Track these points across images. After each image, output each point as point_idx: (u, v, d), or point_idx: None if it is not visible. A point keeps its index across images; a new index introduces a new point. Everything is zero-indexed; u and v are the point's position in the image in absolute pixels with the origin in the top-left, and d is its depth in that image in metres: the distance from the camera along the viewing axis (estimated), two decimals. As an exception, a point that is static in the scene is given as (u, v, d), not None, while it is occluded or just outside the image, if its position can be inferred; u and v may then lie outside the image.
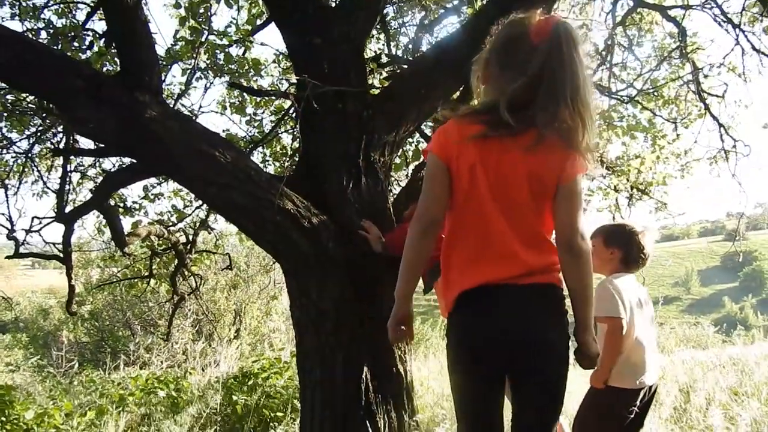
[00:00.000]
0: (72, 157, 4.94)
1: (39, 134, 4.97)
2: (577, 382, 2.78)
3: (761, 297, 50.87)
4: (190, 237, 5.73)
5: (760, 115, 5.92)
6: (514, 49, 1.80)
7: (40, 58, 2.84)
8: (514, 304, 1.79)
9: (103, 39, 4.82)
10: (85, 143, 4.89)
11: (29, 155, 5.03)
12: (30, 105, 4.69)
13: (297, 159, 4.05)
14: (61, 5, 5.13)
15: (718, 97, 5.54)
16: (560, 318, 1.84)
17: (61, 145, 4.90)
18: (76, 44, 4.66)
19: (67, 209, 4.72)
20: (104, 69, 4.42)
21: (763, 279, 58.47)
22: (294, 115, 4.43)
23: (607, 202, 6.16)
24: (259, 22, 5.20)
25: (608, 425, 2.66)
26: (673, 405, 3.81)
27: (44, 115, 4.65)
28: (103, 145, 3.81)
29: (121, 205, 5.52)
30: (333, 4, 3.79)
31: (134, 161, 4.03)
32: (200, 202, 5.64)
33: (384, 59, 5.01)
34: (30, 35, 4.47)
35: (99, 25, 6.21)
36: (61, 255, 4.71)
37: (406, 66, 4.64)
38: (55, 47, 4.27)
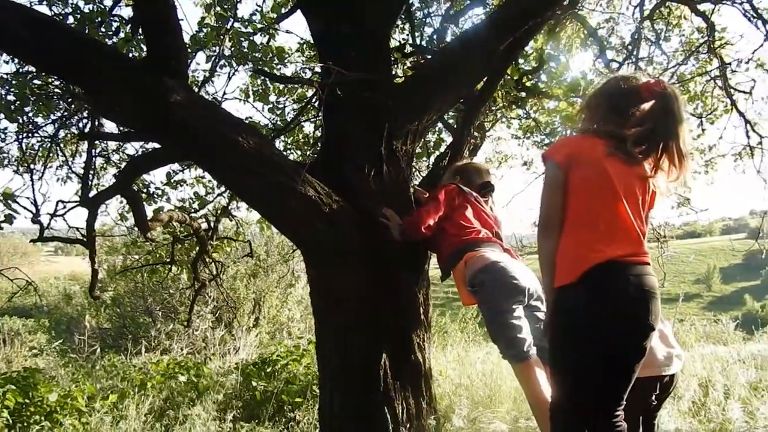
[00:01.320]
0: (97, 141, 4.99)
1: (64, 119, 5.03)
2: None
3: (783, 296, 49.96)
4: (212, 224, 5.78)
5: (788, 111, 5.82)
6: (625, 99, 2.38)
7: (70, 42, 2.87)
8: (638, 275, 2.20)
9: (130, 25, 4.87)
10: (110, 128, 4.95)
11: (54, 140, 5.09)
12: (56, 89, 4.75)
13: (319, 147, 4.07)
14: (89, -10, 5.19)
15: (745, 93, 5.46)
16: None
17: (87, 130, 4.95)
18: (103, 30, 4.71)
19: (92, 194, 4.78)
20: (130, 55, 4.47)
21: (786, 278, 57.50)
22: (317, 103, 4.44)
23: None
24: (284, 10, 5.22)
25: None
26: (692, 399, 3.79)
27: (70, 99, 4.71)
28: (128, 130, 3.85)
29: (144, 191, 5.58)
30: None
31: (158, 147, 4.08)
32: (222, 188, 5.68)
33: (408, 49, 5.01)
34: (58, 20, 4.53)
35: (126, 11, 6.29)
36: (85, 239, 4.78)
37: (430, 56, 4.63)
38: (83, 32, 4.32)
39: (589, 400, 2.20)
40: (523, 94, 4.90)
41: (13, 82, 4.39)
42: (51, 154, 5.29)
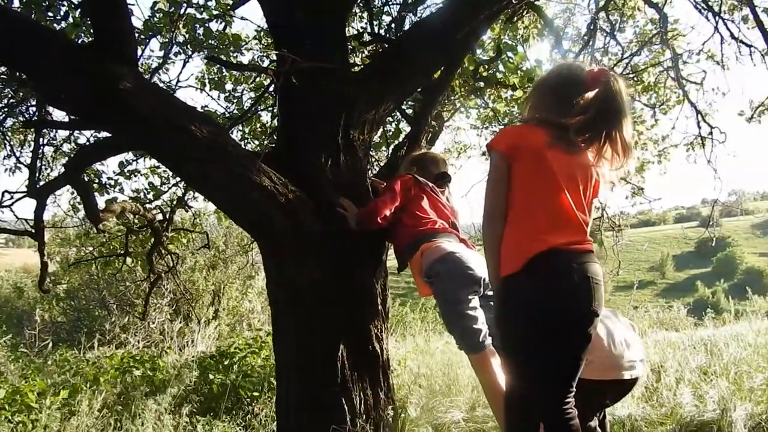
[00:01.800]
0: (45, 130, 4.83)
1: (11, 107, 4.85)
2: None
3: (733, 282, 51.79)
4: (167, 215, 5.65)
5: (736, 103, 6.00)
6: (570, 88, 2.37)
7: (13, 26, 2.75)
8: (580, 262, 2.24)
9: (79, 10, 4.71)
10: (59, 116, 4.79)
11: (1, 128, 4.90)
12: (1, 76, 4.57)
13: (276, 136, 4.01)
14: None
15: (696, 84, 5.59)
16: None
17: (34, 118, 4.78)
18: (50, 14, 4.54)
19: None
20: (79, 40, 4.33)
21: (735, 265, 59.61)
22: (274, 91, 4.37)
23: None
24: (240, -4, 5.11)
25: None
26: (645, 384, 3.87)
27: (16, 86, 4.53)
28: (76, 118, 3.73)
29: (96, 181, 5.42)
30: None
31: (109, 135, 3.96)
32: (177, 179, 5.56)
33: (366, 38, 4.97)
34: (2, 3, 4.35)
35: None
36: (33, 231, 4.62)
37: (388, 45, 4.60)
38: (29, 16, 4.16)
39: (539, 386, 2.22)
40: (481, 83, 4.91)
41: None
42: (-3, 144, 5.10)
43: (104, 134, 4.71)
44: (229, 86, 5.50)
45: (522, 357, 2.26)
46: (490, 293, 3.03)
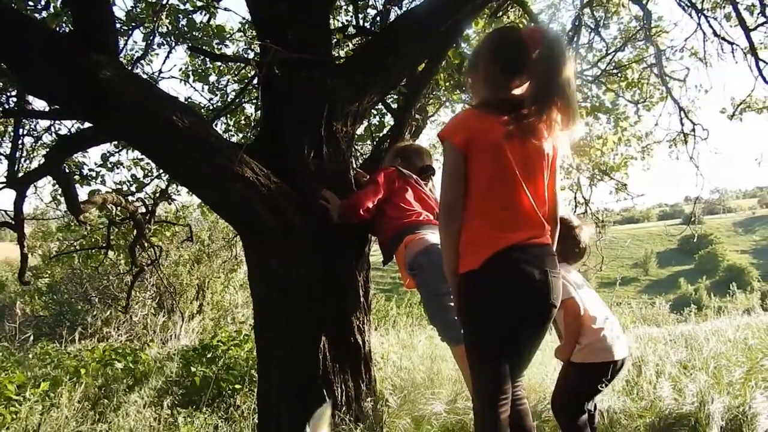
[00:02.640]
0: (25, 120, 4.76)
1: (-10, 97, 4.78)
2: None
3: (715, 279, 52.50)
4: (150, 207, 5.61)
5: (718, 100, 6.05)
6: (512, 53, 2.28)
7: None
8: (539, 257, 2.22)
9: (60, -1, 4.65)
10: (39, 106, 4.72)
11: (-20, 119, 4.83)
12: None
13: (259, 127, 3.99)
14: (15, -38, 4.92)
15: (679, 80, 5.63)
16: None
17: (14, 108, 4.71)
18: (30, 3, 4.48)
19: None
20: (60, 30, 4.27)
21: (717, 262, 60.38)
22: (257, 83, 4.35)
23: (568, 180, 6.25)
24: (224, -13, 5.07)
25: (577, 397, 2.88)
26: (626, 378, 3.90)
27: (-5, 75, 4.47)
28: (57, 107, 3.69)
29: (77, 172, 5.37)
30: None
31: (90, 125, 3.92)
32: (160, 171, 5.52)
33: (351, 30, 4.95)
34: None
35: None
36: (12, 222, 4.56)
37: (372, 37, 4.59)
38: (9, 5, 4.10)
39: (495, 377, 2.21)
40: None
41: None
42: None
43: (86, 125, 4.67)
44: (212, 78, 5.47)
45: (480, 347, 2.25)
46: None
